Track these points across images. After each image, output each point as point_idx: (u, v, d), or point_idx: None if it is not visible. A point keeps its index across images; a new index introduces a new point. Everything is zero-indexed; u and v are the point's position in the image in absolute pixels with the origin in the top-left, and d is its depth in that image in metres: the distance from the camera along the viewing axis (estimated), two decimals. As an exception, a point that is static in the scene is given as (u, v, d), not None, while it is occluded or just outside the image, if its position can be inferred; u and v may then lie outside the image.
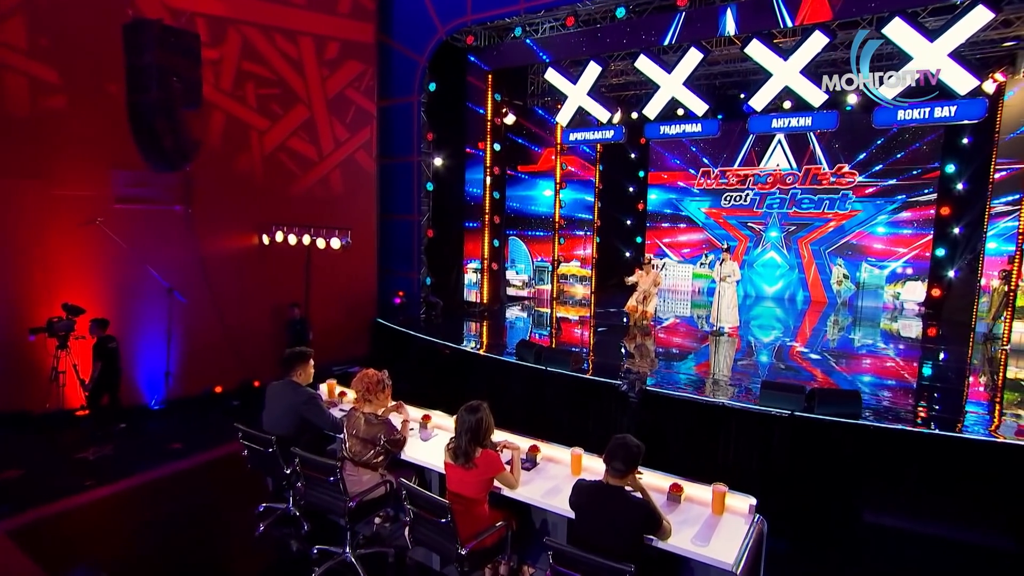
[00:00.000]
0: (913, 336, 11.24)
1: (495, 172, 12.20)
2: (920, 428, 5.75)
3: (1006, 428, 6.00)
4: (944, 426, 5.94)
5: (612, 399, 6.81)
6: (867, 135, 12.71)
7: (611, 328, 10.95)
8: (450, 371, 8.75)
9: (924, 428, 5.75)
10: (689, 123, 10.61)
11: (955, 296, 11.46)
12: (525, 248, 14.24)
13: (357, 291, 10.38)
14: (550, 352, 7.81)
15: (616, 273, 14.36)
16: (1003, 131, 9.88)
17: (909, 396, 7.40)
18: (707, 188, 15.07)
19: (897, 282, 12.98)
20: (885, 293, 13.05)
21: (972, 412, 6.63)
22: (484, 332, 10.94)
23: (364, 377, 4.16)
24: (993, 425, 6.16)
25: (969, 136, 10.63)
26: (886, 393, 7.24)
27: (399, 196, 10.92)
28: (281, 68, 9.02)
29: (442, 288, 11.44)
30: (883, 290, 13.06)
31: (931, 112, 8.12)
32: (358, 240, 9.12)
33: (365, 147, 10.33)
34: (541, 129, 13.61)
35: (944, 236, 11.83)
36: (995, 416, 6.56)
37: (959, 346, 9.79)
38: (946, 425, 6.01)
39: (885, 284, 13.05)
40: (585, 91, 10.65)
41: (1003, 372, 8.48)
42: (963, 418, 6.27)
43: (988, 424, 6.22)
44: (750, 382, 7.39)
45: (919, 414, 6.43)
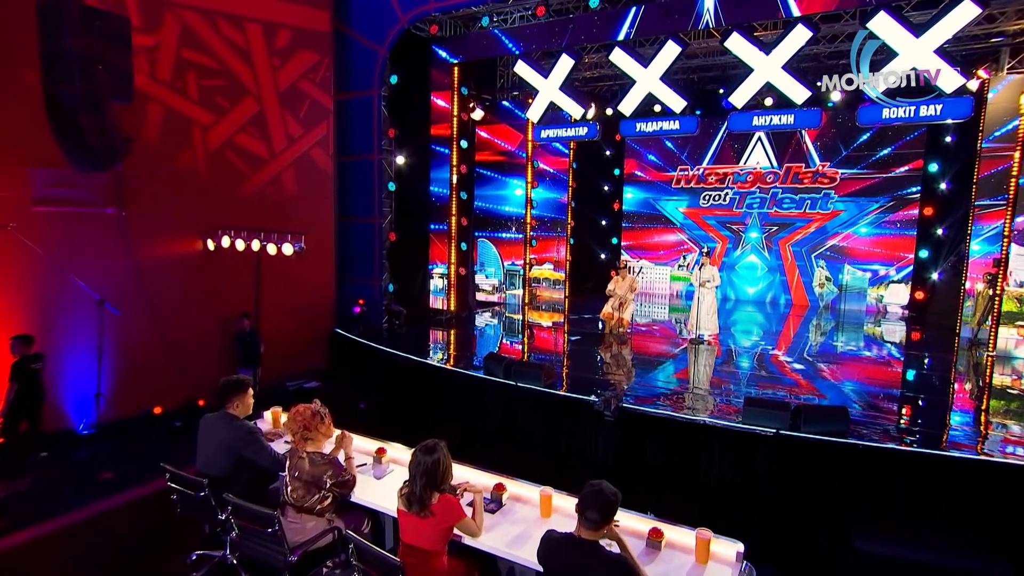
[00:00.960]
0: (897, 340, 11.35)
1: (462, 171, 11.95)
2: (911, 447, 5.66)
3: (993, 443, 6.01)
4: (930, 441, 5.91)
5: (587, 417, 6.65)
6: (850, 133, 12.81)
7: (586, 336, 10.84)
8: (414, 387, 8.52)
9: (915, 447, 5.67)
10: (667, 120, 10.57)
11: (939, 299, 11.63)
12: (495, 251, 14.06)
13: (313, 300, 10.03)
14: (521, 366, 7.61)
15: (591, 276, 14.81)
16: (987, 130, 9.96)
17: (894, 407, 7.38)
18: (685, 187, 15.07)
19: (880, 285, 13.10)
20: (868, 296, 13.18)
21: (958, 427, 6.61)
22: (451, 342, 10.75)
23: (296, 415, 3.83)
24: (980, 439, 6.15)
25: (952, 135, 10.71)
26: (870, 403, 7.22)
27: (359, 197, 10.62)
28: (226, 57, 8.57)
29: (406, 295, 11.21)
30: (866, 293, 13.19)
31: (916, 111, 8.16)
32: (314, 244, 8.85)
33: (321, 144, 9.98)
34: (511, 125, 13.42)
35: (927, 237, 11.99)
36: (982, 429, 6.55)
37: (944, 352, 9.87)
38: (932, 440, 5.97)
39: (868, 287, 13.19)
40: (557, 85, 10.48)
41: (988, 380, 8.54)
42: (947, 432, 6.27)
43: (975, 438, 6.21)
44: (732, 395, 7.32)
45: (905, 428, 6.41)
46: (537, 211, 14.06)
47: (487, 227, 13.96)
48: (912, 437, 6.04)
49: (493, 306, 13.83)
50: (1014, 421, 6.88)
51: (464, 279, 12.38)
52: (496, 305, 13.90)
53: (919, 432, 6.25)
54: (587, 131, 11.38)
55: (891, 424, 6.43)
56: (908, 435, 6.10)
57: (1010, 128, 9.61)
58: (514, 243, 13.87)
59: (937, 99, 8.00)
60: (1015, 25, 9.15)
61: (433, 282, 12.13)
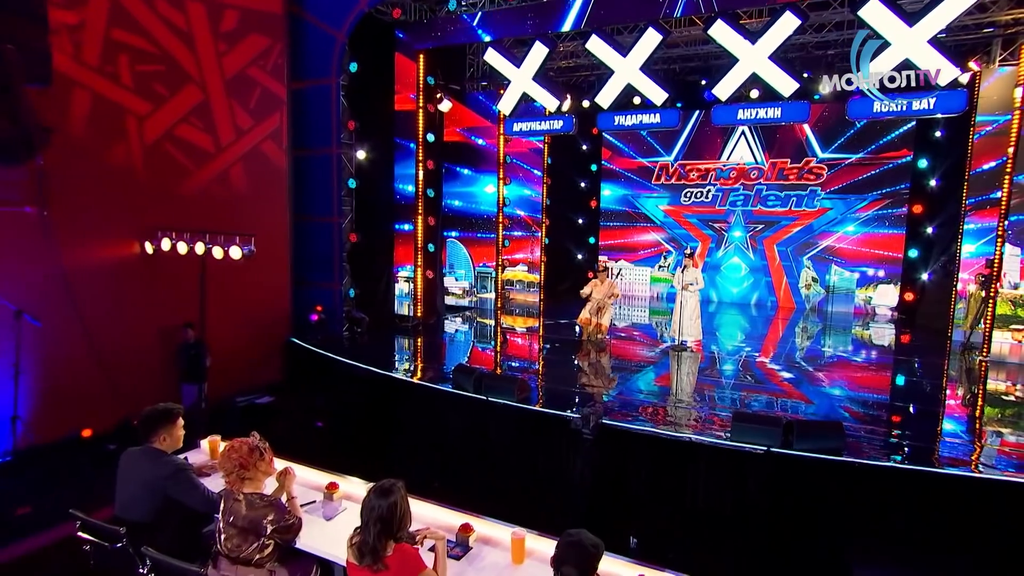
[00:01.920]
0: (886, 344, 11.45)
1: (429, 166, 11.66)
2: (910, 465, 5.57)
3: (989, 455, 5.96)
4: (923, 455, 5.86)
5: (564, 435, 6.42)
6: (837, 128, 12.85)
7: (562, 343, 10.71)
8: (376, 402, 8.21)
9: (913, 465, 5.58)
10: (646, 113, 10.43)
11: (929, 301, 11.65)
12: (465, 252, 13.90)
13: (266, 307, 9.63)
14: (492, 379, 7.38)
15: (567, 277, 14.58)
16: (979, 124, 10.00)
17: (885, 418, 7.34)
18: (665, 184, 15.03)
19: (868, 285, 13.15)
20: (856, 297, 13.23)
21: (953, 439, 6.55)
22: (418, 352, 10.53)
23: (231, 452, 3.45)
24: (975, 454, 6.08)
25: (942, 129, 10.74)
26: (860, 414, 7.21)
27: (316, 195, 10.29)
28: (165, 40, 8.09)
29: (369, 300, 10.90)
30: (854, 294, 13.24)
31: (909, 105, 8.11)
32: (266, 247, 8.49)
33: (274, 137, 9.58)
34: (482, 118, 13.23)
35: (917, 236, 12.02)
36: (978, 442, 6.49)
37: (935, 357, 9.88)
38: (924, 453, 5.92)
39: (856, 288, 13.23)
40: (530, 75, 10.26)
41: (983, 387, 8.53)
42: (936, 446, 6.22)
43: (973, 453, 6.14)
44: (718, 406, 7.21)
45: (897, 441, 6.34)
46: (510, 209, 13.88)
47: (457, 227, 13.79)
48: (902, 454, 5.98)
49: (463, 311, 13.64)
50: (1010, 431, 6.83)
51: (432, 283, 12.15)
52: (467, 310, 13.73)
53: (910, 446, 6.19)
54: (562, 124, 11.21)
55: (880, 437, 6.36)
56: (899, 450, 6.06)
57: (1002, 122, 9.59)
58: (485, 243, 13.71)
59: (930, 92, 7.93)
60: (1007, 15, 9.15)
61: (398, 286, 11.90)
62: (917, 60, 7.58)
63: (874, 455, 5.71)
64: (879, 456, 5.72)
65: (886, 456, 5.78)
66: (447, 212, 13.35)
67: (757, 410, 7.03)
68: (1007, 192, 8.95)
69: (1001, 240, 9.03)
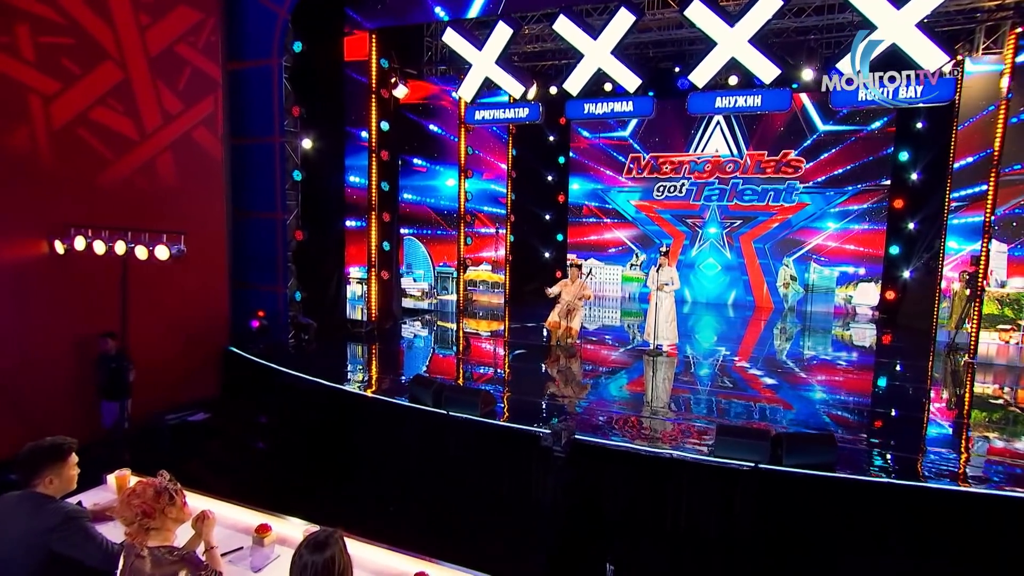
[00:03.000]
0: (867, 345, 11.48)
1: (383, 157, 11.26)
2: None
3: (978, 466, 5.91)
4: (906, 465, 5.81)
5: (533, 453, 6.17)
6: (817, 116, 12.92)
7: (529, 349, 10.49)
8: (324, 418, 7.83)
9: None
10: (618, 101, 10.32)
11: (912, 300, 11.81)
12: (424, 250, 13.57)
13: (200, 312, 9.13)
14: (453, 391, 7.08)
15: (534, 277, 14.44)
16: (961, 116, 10.00)
17: (867, 425, 7.24)
18: (637, 177, 14.97)
19: (849, 284, 13.23)
20: (836, 296, 13.30)
21: (937, 449, 6.44)
22: (372, 361, 10.16)
23: (131, 498, 2.94)
24: (961, 462, 6.03)
25: (923, 120, 10.74)
26: (841, 417, 7.20)
27: (257, 188, 9.88)
28: (74, 9, 7.45)
29: (317, 304, 10.53)
30: (834, 293, 13.31)
31: (895, 93, 7.95)
32: (200, 246, 8.09)
33: (208, 123, 9.07)
34: (441, 104, 12.93)
35: (898, 232, 12.15)
36: (964, 450, 6.44)
37: (918, 358, 9.94)
38: (908, 464, 5.87)
39: (836, 286, 13.30)
40: (493, 59, 10.05)
41: (969, 390, 8.51)
42: (921, 457, 6.14)
43: (956, 462, 6.08)
44: (698, 417, 7.07)
45: (880, 451, 6.24)
46: (472, 204, 13.61)
47: (415, 223, 13.49)
48: (886, 463, 5.90)
49: (422, 315, 13.36)
50: (1000, 436, 6.79)
51: (387, 284, 11.79)
52: (426, 313, 13.45)
53: (894, 455, 6.10)
54: (528, 113, 10.98)
55: (862, 446, 6.29)
56: (883, 461, 5.97)
57: (985, 114, 9.61)
58: (446, 241, 13.42)
59: (916, 80, 7.83)
60: (991, 1, 9.11)
61: (350, 288, 11.55)
62: (904, 45, 7.49)
63: (858, 466, 5.63)
64: (862, 468, 5.63)
65: (867, 467, 5.71)
66: (404, 207, 13.04)
67: (742, 422, 6.87)
68: (993, 185, 8.91)
69: (987, 236, 8.99)
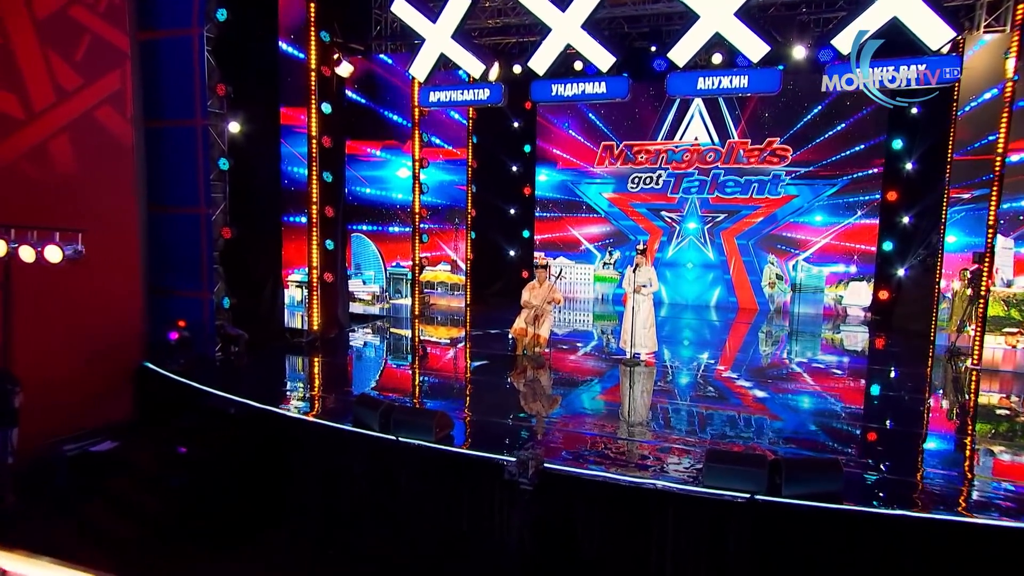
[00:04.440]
0: (859, 349, 11.60)
1: (325, 144, 10.83)
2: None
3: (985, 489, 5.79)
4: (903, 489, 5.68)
5: (496, 485, 5.94)
6: (802, 101, 12.91)
7: (493, 360, 10.20)
8: (254, 447, 7.49)
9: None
10: (589, 82, 10.09)
11: (907, 300, 11.78)
12: (374, 249, 13.31)
13: (107, 323, 8.64)
14: (403, 413, 6.75)
15: (498, 278, 14.56)
16: (961, 100, 9.88)
17: (859, 440, 7.15)
18: (610, 168, 14.93)
19: (839, 283, 13.29)
20: (825, 296, 13.33)
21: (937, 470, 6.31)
22: (315, 376, 9.82)
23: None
24: (964, 485, 5.92)
25: (918, 105, 10.67)
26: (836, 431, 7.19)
27: (177, 178, 9.53)
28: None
29: (250, 312, 10.09)
30: (823, 293, 13.32)
31: (896, 72, 7.88)
32: (106, 245, 7.81)
33: (114, 102, 8.64)
34: (391, 85, 12.65)
35: (892, 226, 12.11)
36: (967, 472, 6.31)
37: (915, 364, 9.97)
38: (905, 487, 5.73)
39: (824, 285, 13.33)
40: (449, 33, 9.85)
41: (974, 400, 8.44)
42: (921, 475, 6.09)
43: (960, 483, 5.99)
44: (682, 435, 6.97)
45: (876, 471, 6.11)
46: (429, 197, 13.29)
47: (364, 218, 13.25)
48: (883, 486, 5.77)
49: (373, 321, 13.08)
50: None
51: (332, 288, 11.41)
52: (377, 320, 13.18)
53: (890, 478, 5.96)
54: (489, 94, 10.60)
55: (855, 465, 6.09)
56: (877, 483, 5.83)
57: (988, 98, 9.53)
58: (399, 239, 13.17)
59: (919, 58, 7.73)
60: (994, -28, 9.00)
61: (289, 293, 11.29)
62: (907, 20, 7.30)
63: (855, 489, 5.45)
64: (865, 494, 5.48)
65: (873, 495, 5.52)
66: (351, 201, 12.80)
67: (732, 444, 6.64)
68: (998, 175, 8.78)
69: (992, 231, 8.91)
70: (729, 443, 6.64)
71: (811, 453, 6.39)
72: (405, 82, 12.18)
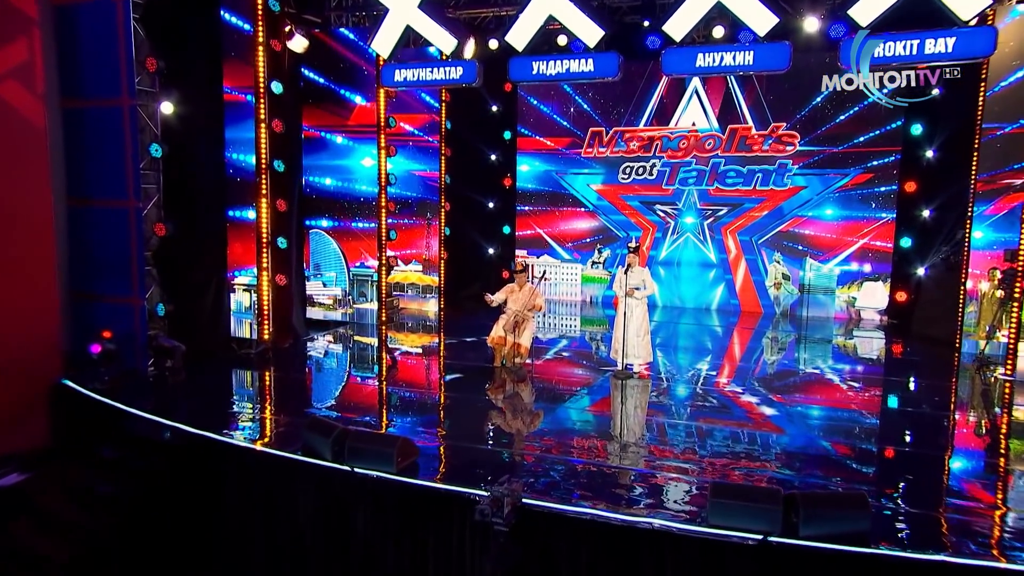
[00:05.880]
0: (875, 357, 11.56)
1: (276, 128, 10.55)
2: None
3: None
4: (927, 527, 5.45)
5: (467, 524, 5.77)
6: (810, 83, 12.82)
7: (467, 373, 10.08)
8: (187, 478, 7.17)
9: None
10: (575, 59, 9.84)
11: (927, 302, 11.69)
12: (336, 247, 13.07)
13: (15, 334, 8.40)
14: (359, 439, 6.48)
15: (475, 279, 14.41)
16: (990, 78, 9.67)
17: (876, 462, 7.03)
18: (599, 156, 14.89)
19: (851, 284, 13.25)
20: (836, 298, 13.39)
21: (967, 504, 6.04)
22: (266, 393, 9.60)
23: None
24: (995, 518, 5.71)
25: (940, 86, 10.60)
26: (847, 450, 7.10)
27: (101, 167, 9.31)
28: None
29: (189, 320, 9.87)
30: (834, 294, 13.40)
31: (921, 47, 7.60)
32: (13, 244, 7.92)
33: (20, 76, 8.48)
34: (352, 62, 12.42)
35: (911, 221, 12.05)
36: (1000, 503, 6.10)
37: (938, 375, 9.87)
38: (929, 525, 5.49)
39: (836, 286, 13.38)
40: (415, 2, 9.59)
41: (1008, 416, 8.27)
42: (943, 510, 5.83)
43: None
44: (682, 461, 6.72)
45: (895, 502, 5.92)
46: (397, 189, 13.07)
47: (324, 213, 13.03)
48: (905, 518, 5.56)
49: (334, 328, 12.90)
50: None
51: (285, 291, 11.17)
52: (339, 327, 13.00)
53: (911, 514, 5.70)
54: (462, 73, 10.29)
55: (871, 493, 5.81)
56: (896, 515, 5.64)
57: (1022, 76, 9.39)
58: (364, 236, 12.94)
59: (949, 31, 7.43)
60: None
61: (235, 298, 10.89)
62: None
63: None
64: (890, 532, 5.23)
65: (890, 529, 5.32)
66: (309, 193, 12.63)
67: (740, 474, 6.41)
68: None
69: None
70: (733, 469, 6.42)
71: (820, 480, 6.20)
72: (369, 60, 11.96)
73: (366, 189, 12.77)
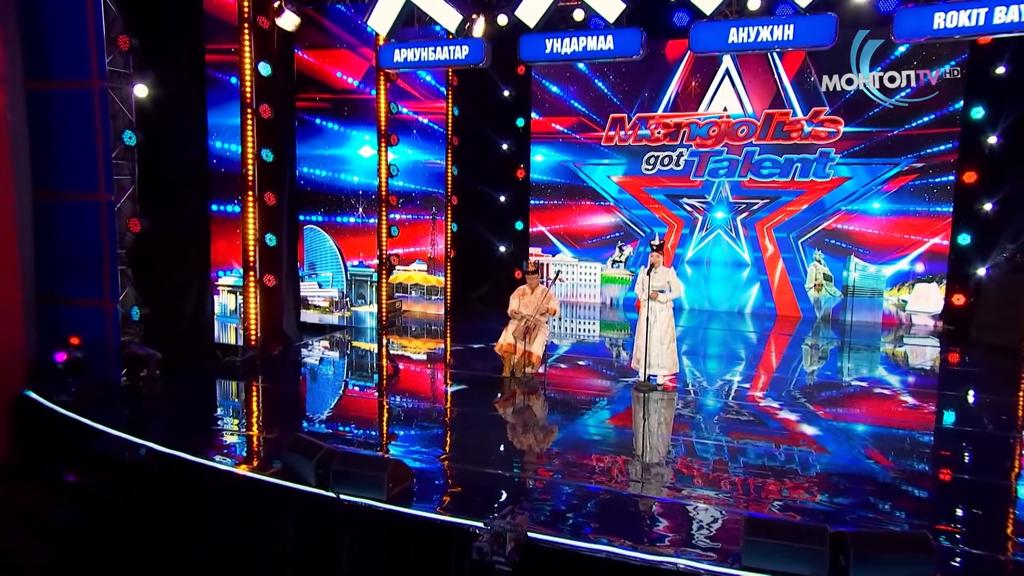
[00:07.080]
0: (928, 367, 11.39)
1: (264, 114, 10.44)
2: None
3: None
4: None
5: (466, 562, 5.48)
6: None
7: (473, 384, 10.04)
8: (163, 502, 6.98)
9: None
10: (593, 35, 9.64)
11: (988, 307, 11.52)
12: (332, 244, 12.97)
13: None
14: (346, 461, 6.25)
15: (484, 279, 14.72)
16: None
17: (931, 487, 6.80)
18: (620, 145, 14.76)
19: (902, 285, 13.10)
20: (885, 302, 13.29)
21: None
22: (252, 408, 9.44)
23: None
24: None
25: (1006, 64, 10.43)
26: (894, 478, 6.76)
27: (69, 156, 9.22)
28: None
29: (167, 325, 9.77)
30: (882, 297, 13.31)
31: (989, 16, 7.23)
32: None
33: None
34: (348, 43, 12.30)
35: (970, 216, 11.88)
36: None
37: (1003, 390, 9.53)
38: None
39: (884, 288, 13.27)
40: None
41: None
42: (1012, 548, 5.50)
43: None
44: (712, 489, 6.46)
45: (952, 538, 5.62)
46: (399, 181, 13.04)
47: (319, 207, 12.93)
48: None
49: (330, 333, 12.80)
50: None
51: (275, 293, 11.05)
52: (335, 331, 12.91)
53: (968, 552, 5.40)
54: (468, 53, 10.09)
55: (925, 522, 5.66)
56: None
57: None
58: (363, 232, 12.86)
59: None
60: None
61: (219, 300, 10.79)
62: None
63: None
64: None
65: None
66: (303, 185, 12.61)
67: (781, 508, 6.11)
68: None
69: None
70: (770, 497, 6.16)
71: (868, 513, 5.88)
72: (369, 39, 11.83)
73: (362, 181, 12.71)
